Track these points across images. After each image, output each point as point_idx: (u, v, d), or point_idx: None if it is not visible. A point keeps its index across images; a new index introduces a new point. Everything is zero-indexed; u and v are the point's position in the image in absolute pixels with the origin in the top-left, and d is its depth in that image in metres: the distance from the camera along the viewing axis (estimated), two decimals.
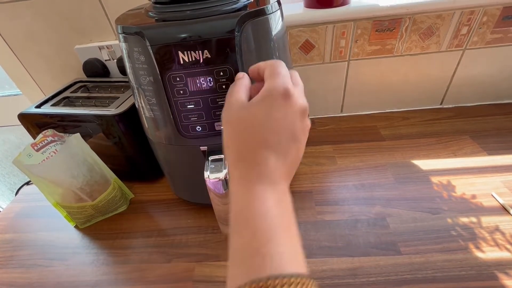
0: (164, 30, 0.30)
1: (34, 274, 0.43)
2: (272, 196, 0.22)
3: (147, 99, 0.35)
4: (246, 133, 0.23)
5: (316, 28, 0.54)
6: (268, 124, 0.23)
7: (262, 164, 0.22)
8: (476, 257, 0.37)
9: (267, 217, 0.21)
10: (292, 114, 0.23)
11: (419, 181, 0.48)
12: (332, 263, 0.38)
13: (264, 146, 0.23)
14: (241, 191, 0.22)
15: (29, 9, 0.55)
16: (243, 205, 0.22)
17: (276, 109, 0.23)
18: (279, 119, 0.23)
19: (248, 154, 0.23)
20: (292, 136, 0.23)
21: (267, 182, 0.22)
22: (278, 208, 0.21)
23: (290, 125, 0.23)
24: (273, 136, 0.23)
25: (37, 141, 0.42)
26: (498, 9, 0.51)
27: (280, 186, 0.22)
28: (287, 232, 0.21)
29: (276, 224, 0.20)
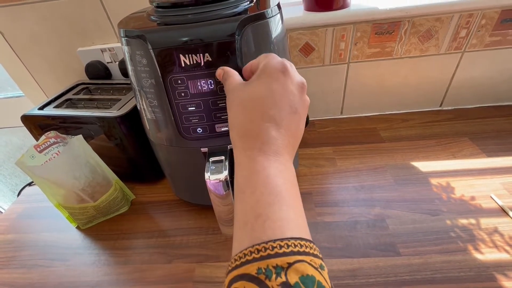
0: (166, 34, 0.30)
1: (36, 275, 0.43)
2: (275, 165, 0.22)
3: (148, 101, 0.35)
4: (247, 109, 0.24)
5: (316, 31, 0.55)
6: (268, 97, 0.24)
7: (264, 134, 0.23)
8: (475, 258, 0.37)
9: (269, 184, 0.21)
10: (290, 87, 0.24)
11: (419, 182, 0.48)
12: (331, 264, 0.39)
13: (265, 118, 0.23)
14: (245, 161, 0.23)
15: (32, 12, 0.56)
16: (247, 173, 0.23)
17: (275, 82, 0.24)
18: (278, 92, 0.24)
19: (251, 127, 0.24)
20: (291, 108, 0.24)
21: (270, 152, 0.23)
22: (280, 177, 0.22)
23: (289, 98, 0.24)
24: (273, 108, 0.23)
25: (40, 143, 0.43)
26: (497, 12, 0.52)
27: (282, 157, 0.23)
28: (289, 199, 0.21)
29: (278, 190, 0.21)
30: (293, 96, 0.24)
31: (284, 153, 0.23)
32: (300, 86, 0.25)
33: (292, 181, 0.23)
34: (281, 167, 0.23)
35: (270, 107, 0.23)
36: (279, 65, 0.24)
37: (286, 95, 0.24)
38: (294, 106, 0.24)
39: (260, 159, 0.22)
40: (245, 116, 0.24)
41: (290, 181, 0.23)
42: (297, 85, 0.25)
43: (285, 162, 0.23)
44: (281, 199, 0.21)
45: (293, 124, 0.24)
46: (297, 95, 0.24)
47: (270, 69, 0.24)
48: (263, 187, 0.21)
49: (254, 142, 0.23)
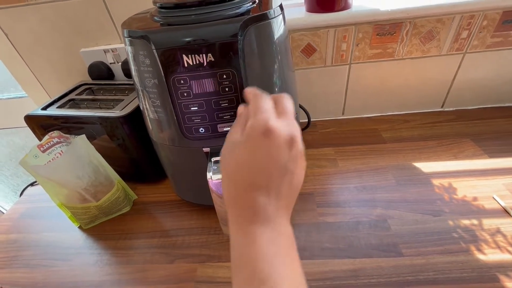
0: (169, 34, 0.30)
1: (38, 274, 0.43)
2: (266, 235, 0.22)
3: (151, 101, 0.35)
4: (234, 176, 0.24)
5: (317, 32, 0.55)
6: (253, 165, 0.23)
7: (253, 205, 0.22)
8: (478, 259, 0.37)
9: (261, 258, 0.21)
10: (276, 149, 0.22)
11: (420, 183, 0.48)
12: (333, 265, 0.39)
13: (252, 188, 0.23)
14: (236, 233, 0.23)
15: (36, 13, 0.56)
16: (239, 247, 0.22)
17: (258, 148, 0.23)
18: (263, 158, 0.23)
19: (239, 197, 0.23)
20: (281, 170, 0.23)
21: (261, 221, 0.22)
22: (273, 247, 0.21)
23: (276, 161, 0.23)
24: (260, 176, 0.23)
25: (43, 142, 0.43)
26: (498, 13, 0.52)
27: (275, 222, 0.22)
28: (284, 269, 0.21)
29: (271, 263, 0.21)
30: (281, 157, 0.23)
31: (276, 217, 0.23)
32: (288, 142, 0.23)
33: (287, 245, 0.22)
34: (274, 234, 0.22)
35: (256, 176, 0.23)
36: (262, 128, 0.22)
37: (273, 160, 0.23)
38: (283, 167, 0.23)
39: (251, 230, 0.22)
40: (232, 184, 0.24)
41: (284, 247, 0.22)
42: (284, 142, 0.23)
43: (278, 227, 0.22)
44: (274, 273, 0.20)
45: (284, 185, 0.23)
46: (285, 155, 0.23)
47: (254, 134, 0.23)
48: (255, 263, 0.21)
49: (244, 213, 0.23)
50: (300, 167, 0.24)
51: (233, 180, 0.24)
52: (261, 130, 0.22)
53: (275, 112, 0.24)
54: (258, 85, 0.34)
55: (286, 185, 0.23)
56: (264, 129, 0.22)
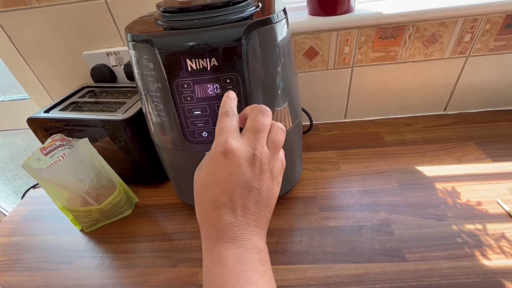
0: (173, 38, 0.30)
1: (40, 277, 0.43)
2: (233, 252, 0.22)
3: (154, 105, 0.35)
4: (200, 196, 0.24)
5: (320, 35, 0.55)
6: (214, 186, 0.23)
7: (218, 222, 0.23)
8: (482, 264, 0.36)
9: (228, 276, 0.21)
10: (237, 168, 0.23)
11: (424, 187, 0.48)
12: (337, 269, 0.38)
13: (216, 207, 0.23)
14: (205, 252, 0.23)
15: (39, 16, 0.56)
16: (207, 264, 0.23)
17: (219, 169, 0.23)
18: (224, 177, 0.23)
19: (206, 216, 0.24)
20: (244, 188, 0.23)
21: (227, 238, 0.22)
22: (239, 264, 0.22)
23: (238, 179, 0.23)
24: (223, 195, 0.23)
25: (45, 145, 0.43)
26: (501, 17, 0.52)
27: (243, 239, 0.23)
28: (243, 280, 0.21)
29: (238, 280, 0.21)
30: (242, 175, 0.23)
31: (243, 234, 0.23)
32: (250, 160, 0.23)
33: (255, 261, 0.22)
34: (240, 250, 0.22)
35: (219, 195, 0.23)
36: (221, 148, 0.23)
37: (233, 178, 0.23)
38: (246, 185, 0.23)
39: (218, 248, 0.22)
40: (199, 205, 0.24)
41: (252, 263, 0.22)
42: (245, 161, 0.23)
43: (245, 244, 0.23)
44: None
45: (250, 202, 0.23)
46: (247, 173, 0.23)
47: (213, 155, 0.24)
48: (220, 281, 0.21)
49: (210, 231, 0.23)
50: (267, 183, 0.24)
51: (200, 200, 0.24)
52: (220, 151, 0.23)
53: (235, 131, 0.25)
54: (262, 88, 0.34)
55: (252, 202, 0.24)
56: (222, 149, 0.23)
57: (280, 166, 0.26)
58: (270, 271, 0.24)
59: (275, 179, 0.26)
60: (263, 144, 0.25)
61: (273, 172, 0.25)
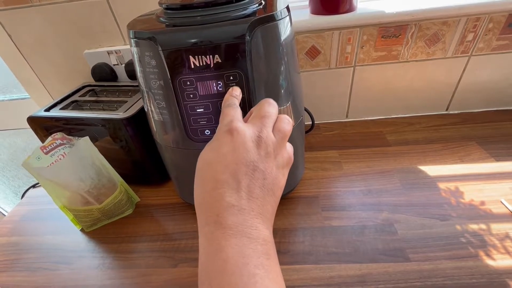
0: (176, 35, 0.30)
1: (40, 278, 0.43)
2: (234, 242, 0.19)
3: (156, 102, 0.35)
4: (201, 177, 0.23)
5: (322, 34, 0.55)
6: (217, 162, 0.22)
7: (218, 203, 0.21)
8: (487, 264, 0.36)
9: (227, 271, 0.19)
10: (242, 146, 0.22)
11: (427, 187, 0.48)
12: (340, 270, 0.38)
13: (216, 185, 0.21)
14: (203, 241, 0.21)
15: (40, 15, 0.56)
16: (204, 259, 0.21)
17: (222, 144, 0.22)
18: (228, 153, 0.22)
19: (203, 196, 0.22)
20: (248, 166, 0.21)
21: (228, 224, 0.20)
22: (242, 256, 0.19)
23: (243, 157, 0.22)
24: (225, 172, 0.21)
25: (46, 144, 0.43)
26: (504, 16, 0.51)
27: (246, 225, 0.20)
28: (253, 285, 0.18)
29: (238, 276, 0.18)
30: (247, 153, 0.22)
31: (246, 220, 0.20)
32: (256, 141, 0.22)
33: (259, 254, 0.20)
34: (243, 241, 0.19)
35: (221, 172, 0.21)
36: (226, 127, 0.23)
37: (238, 155, 0.22)
38: (250, 164, 0.22)
39: (217, 236, 0.20)
40: (199, 185, 0.23)
41: (255, 256, 0.19)
42: (250, 140, 0.22)
43: (248, 231, 0.20)
44: (234, 281, 0.18)
45: (256, 184, 0.21)
46: (252, 152, 0.22)
47: (218, 133, 0.23)
48: (221, 276, 0.18)
49: (209, 215, 0.21)
50: (270, 167, 0.23)
51: (200, 179, 0.23)
52: (225, 129, 0.23)
53: (240, 114, 0.25)
54: (265, 86, 0.34)
55: (257, 185, 0.22)
56: (228, 127, 0.23)
57: (286, 157, 0.25)
58: (277, 266, 0.21)
59: (280, 168, 0.24)
60: (268, 129, 0.24)
61: (278, 160, 0.24)
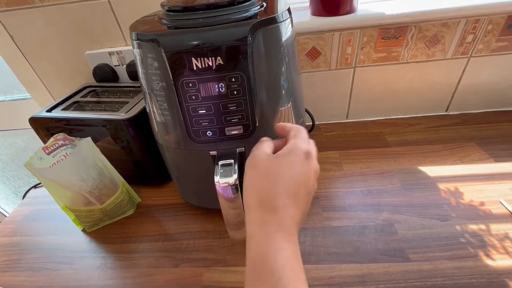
0: (179, 37, 0.30)
1: (41, 278, 0.43)
2: (290, 246, 0.23)
3: (158, 104, 0.35)
4: (270, 181, 0.25)
5: (322, 35, 0.55)
6: (291, 176, 0.25)
7: (283, 211, 0.24)
8: (487, 265, 0.36)
9: (289, 268, 0.22)
10: (310, 172, 0.26)
11: (426, 187, 0.48)
12: (340, 270, 0.38)
13: (285, 195, 0.24)
14: (261, 236, 0.24)
15: (42, 16, 0.56)
16: (263, 251, 0.23)
17: (298, 165, 0.25)
18: (301, 174, 0.25)
19: (271, 200, 0.25)
20: (307, 190, 0.25)
21: (287, 230, 0.23)
22: (295, 259, 0.23)
23: (307, 181, 0.25)
24: (294, 187, 0.25)
25: (48, 145, 0.43)
26: (503, 17, 0.52)
27: (295, 235, 0.24)
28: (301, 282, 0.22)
29: (296, 275, 0.22)
30: (310, 180, 0.26)
31: (296, 231, 0.24)
32: (316, 172, 0.27)
33: (300, 259, 0.24)
34: (295, 246, 0.23)
35: (292, 186, 0.25)
36: (306, 149, 0.26)
37: (306, 178, 0.25)
38: (310, 188, 0.26)
39: (278, 238, 0.23)
40: (266, 186, 0.25)
41: (300, 260, 0.24)
42: (314, 171, 0.26)
43: (296, 241, 0.24)
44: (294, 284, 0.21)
45: (306, 205, 0.26)
46: (313, 179, 0.26)
47: (297, 151, 0.26)
48: (281, 273, 0.22)
49: (273, 217, 0.24)
50: (311, 196, 0.27)
51: (267, 184, 0.25)
52: (304, 151, 0.26)
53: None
54: (266, 88, 0.34)
55: (306, 205, 0.26)
56: (307, 151, 0.26)
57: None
58: None
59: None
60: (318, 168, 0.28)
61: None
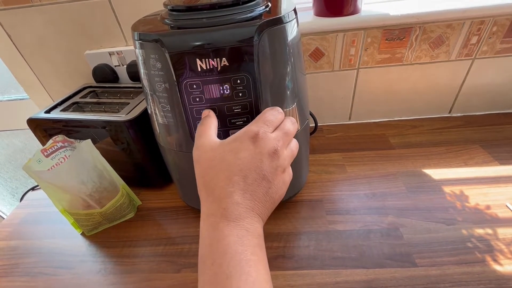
0: (183, 38, 0.29)
1: (40, 283, 0.42)
2: (235, 232, 0.23)
3: (161, 105, 0.34)
4: (213, 172, 0.25)
5: (326, 36, 0.54)
6: (234, 164, 0.25)
7: (227, 200, 0.24)
8: (495, 270, 0.36)
9: (229, 253, 0.22)
10: (258, 155, 0.25)
11: (431, 190, 0.48)
12: (346, 275, 0.37)
13: (229, 184, 0.24)
14: (207, 228, 0.24)
15: (41, 15, 0.55)
16: (208, 242, 0.23)
17: (243, 150, 0.25)
18: (245, 159, 0.25)
19: (214, 191, 0.25)
20: (259, 175, 0.25)
21: (232, 217, 0.23)
22: (240, 244, 0.22)
23: (256, 165, 0.25)
24: (238, 174, 0.24)
25: (47, 147, 0.42)
26: (508, 19, 0.51)
27: (245, 221, 0.23)
28: (248, 268, 0.21)
29: (237, 260, 0.21)
30: (261, 164, 0.25)
31: (247, 216, 0.24)
32: (271, 153, 0.25)
33: (254, 244, 0.23)
34: (242, 232, 0.23)
35: (235, 173, 0.24)
36: (252, 133, 0.25)
37: (253, 163, 0.25)
38: (261, 173, 0.25)
39: (221, 226, 0.23)
40: (210, 179, 0.25)
41: (251, 246, 0.23)
42: (267, 152, 0.25)
43: (247, 226, 0.23)
44: (239, 270, 0.21)
45: (260, 190, 0.25)
46: (265, 164, 0.25)
47: (242, 137, 0.26)
48: (222, 258, 0.22)
49: (217, 207, 0.24)
50: (278, 179, 0.26)
51: (211, 176, 0.25)
52: (250, 135, 0.25)
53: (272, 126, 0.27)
54: (272, 89, 0.33)
55: (262, 191, 0.25)
56: (253, 135, 0.25)
57: (291, 172, 0.28)
58: (266, 258, 0.24)
59: (285, 178, 0.27)
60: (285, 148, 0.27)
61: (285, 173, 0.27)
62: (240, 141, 0.25)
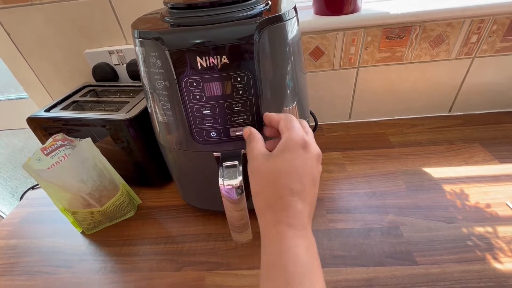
0: (183, 35, 0.29)
1: (39, 282, 0.42)
2: (302, 243, 0.24)
3: (161, 104, 0.34)
4: (273, 183, 0.26)
5: (326, 35, 0.54)
6: (292, 172, 0.25)
7: (292, 209, 0.25)
8: (495, 268, 0.36)
9: (298, 264, 0.23)
10: (310, 161, 0.26)
11: (432, 189, 0.48)
12: (346, 273, 0.37)
13: (290, 193, 0.25)
14: (274, 235, 0.24)
15: (40, 14, 0.55)
16: (276, 249, 0.24)
17: (296, 158, 0.26)
18: (301, 167, 0.25)
19: (277, 201, 0.25)
20: (312, 180, 0.26)
21: (298, 226, 0.24)
22: (308, 254, 0.23)
23: (310, 171, 0.26)
24: (297, 183, 0.25)
25: (47, 145, 0.42)
26: (508, 18, 0.51)
27: (307, 230, 0.25)
28: (316, 277, 0.23)
29: (306, 270, 0.23)
30: (313, 169, 0.26)
31: (308, 224, 0.25)
32: (318, 157, 0.27)
33: (315, 254, 0.24)
34: (307, 242, 0.24)
35: (295, 182, 0.25)
36: (301, 141, 0.26)
37: (308, 169, 0.26)
38: (315, 179, 0.26)
39: (289, 235, 0.24)
40: (271, 189, 0.26)
41: (314, 254, 0.24)
42: (315, 157, 0.27)
43: (309, 235, 0.25)
44: (311, 279, 0.22)
45: (314, 196, 0.26)
46: (315, 167, 0.26)
47: (292, 145, 0.26)
48: (293, 267, 0.22)
49: (283, 216, 0.25)
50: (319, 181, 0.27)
51: (272, 185, 0.26)
52: (299, 143, 0.26)
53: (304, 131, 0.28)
54: (272, 87, 0.33)
55: (314, 196, 0.26)
56: (302, 142, 0.26)
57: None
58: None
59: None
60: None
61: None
62: (292, 151, 0.26)
